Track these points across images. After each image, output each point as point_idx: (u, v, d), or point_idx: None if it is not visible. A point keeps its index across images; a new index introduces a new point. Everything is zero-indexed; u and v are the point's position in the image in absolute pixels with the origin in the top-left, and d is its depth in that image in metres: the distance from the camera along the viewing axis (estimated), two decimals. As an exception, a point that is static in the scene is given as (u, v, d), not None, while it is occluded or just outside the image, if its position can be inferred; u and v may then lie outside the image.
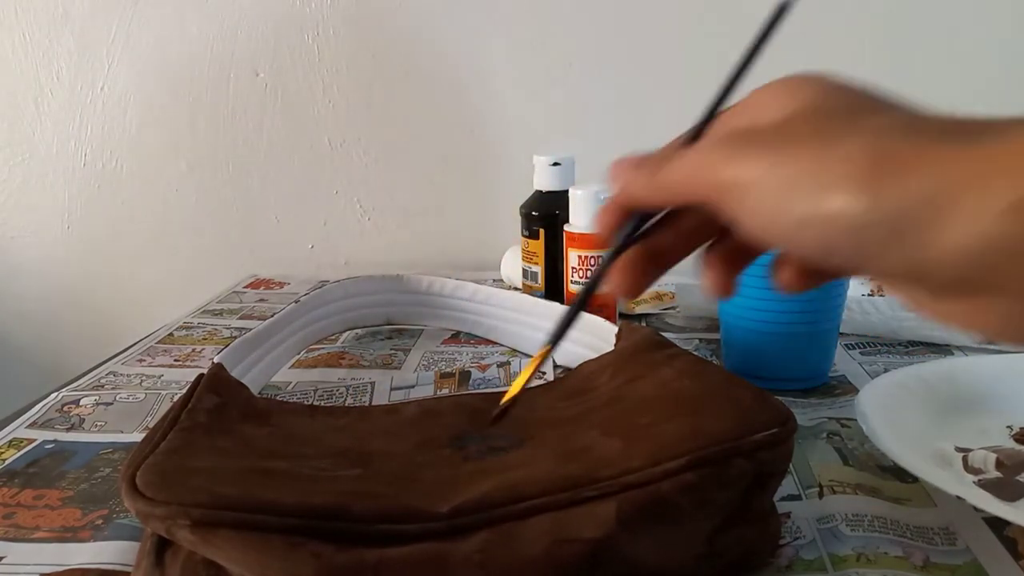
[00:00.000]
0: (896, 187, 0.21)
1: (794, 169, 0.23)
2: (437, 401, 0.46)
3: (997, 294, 0.21)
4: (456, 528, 0.30)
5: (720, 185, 0.25)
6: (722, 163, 0.25)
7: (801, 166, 0.23)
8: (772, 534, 0.37)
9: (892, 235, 0.21)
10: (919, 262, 0.21)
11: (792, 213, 0.23)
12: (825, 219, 0.22)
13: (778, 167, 0.23)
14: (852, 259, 0.23)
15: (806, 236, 0.23)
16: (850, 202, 0.21)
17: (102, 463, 0.49)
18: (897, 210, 0.21)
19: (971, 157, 0.20)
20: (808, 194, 0.22)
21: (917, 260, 0.21)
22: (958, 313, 0.23)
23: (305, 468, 0.35)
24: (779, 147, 0.24)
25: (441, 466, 0.37)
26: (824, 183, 0.22)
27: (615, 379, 0.43)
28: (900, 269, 0.22)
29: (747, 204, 0.24)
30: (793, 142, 0.23)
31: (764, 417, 0.35)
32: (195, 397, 0.41)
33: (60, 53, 1.01)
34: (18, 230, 1.07)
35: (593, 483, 0.32)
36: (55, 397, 0.59)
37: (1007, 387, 0.52)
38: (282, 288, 0.95)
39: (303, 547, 0.28)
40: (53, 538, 0.41)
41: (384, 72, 1.01)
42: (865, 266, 0.23)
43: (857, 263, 0.23)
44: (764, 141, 0.24)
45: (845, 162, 0.22)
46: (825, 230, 0.22)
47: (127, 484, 0.31)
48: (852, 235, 0.22)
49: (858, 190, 0.21)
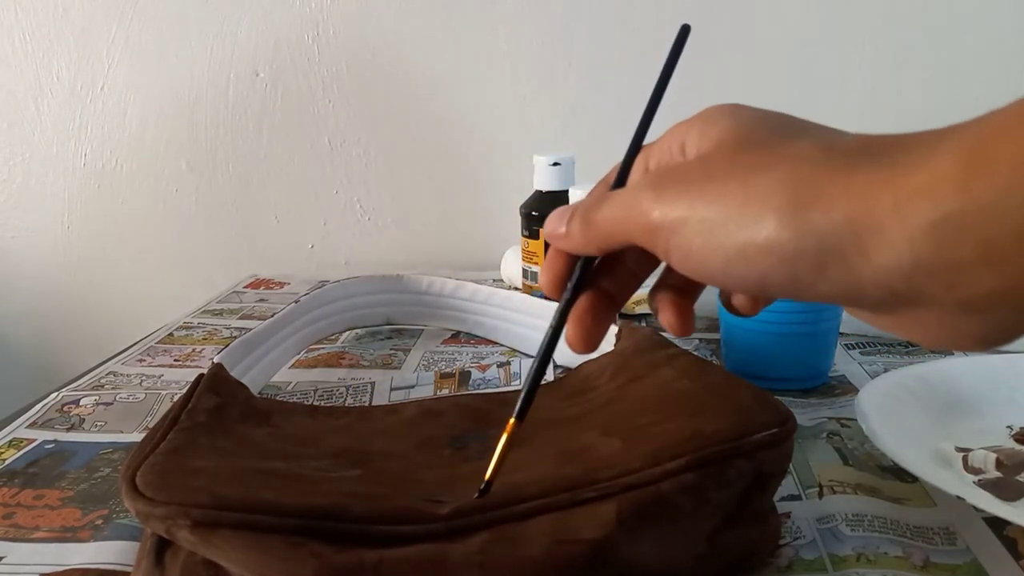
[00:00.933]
0: (818, 217, 0.22)
1: (718, 206, 0.23)
2: (437, 401, 0.46)
3: (926, 307, 0.22)
4: (456, 529, 0.30)
5: (649, 227, 0.25)
6: (649, 204, 0.25)
7: (724, 202, 0.23)
8: (772, 534, 0.37)
9: (821, 263, 0.22)
10: (850, 285, 0.22)
11: (721, 250, 0.23)
12: (754, 254, 0.23)
13: (703, 205, 0.24)
14: (787, 288, 0.23)
15: (738, 271, 0.24)
16: (776, 235, 0.22)
17: (102, 463, 0.49)
18: (822, 239, 0.21)
19: (886, 181, 0.21)
20: (734, 230, 0.23)
21: (847, 284, 0.22)
22: (896, 326, 0.24)
23: (305, 468, 0.35)
24: (701, 185, 0.24)
25: (441, 467, 0.37)
26: (748, 218, 0.23)
27: (615, 379, 0.43)
28: (834, 293, 0.23)
29: (677, 243, 0.25)
30: (715, 178, 0.24)
31: (764, 417, 0.35)
32: (195, 397, 0.41)
33: (60, 53, 1.01)
34: (18, 230, 1.07)
35: (593, 483, 0.32)
36: (55, 397, 0.59)
37: (1007, 387, 0.52)
38: (282, 288, 0.95)
39: (303, 547, 0.28)
40: (53, 538, 0.41)
41: (384, 72, 1.01)
42: (801, 294, 0.23)
43: (792, 291, 0.23)
44: (687, 179, 0.25)
45: (766, 196, 0.22)
46: (756, 264, 0.23)
47: (127, 484, 0.31)
48: (782, 267, 0.22)
49: (782, 223, 0.22)
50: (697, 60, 0.98)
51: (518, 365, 0.62)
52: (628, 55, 0.98)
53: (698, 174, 0.25)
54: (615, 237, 0.27)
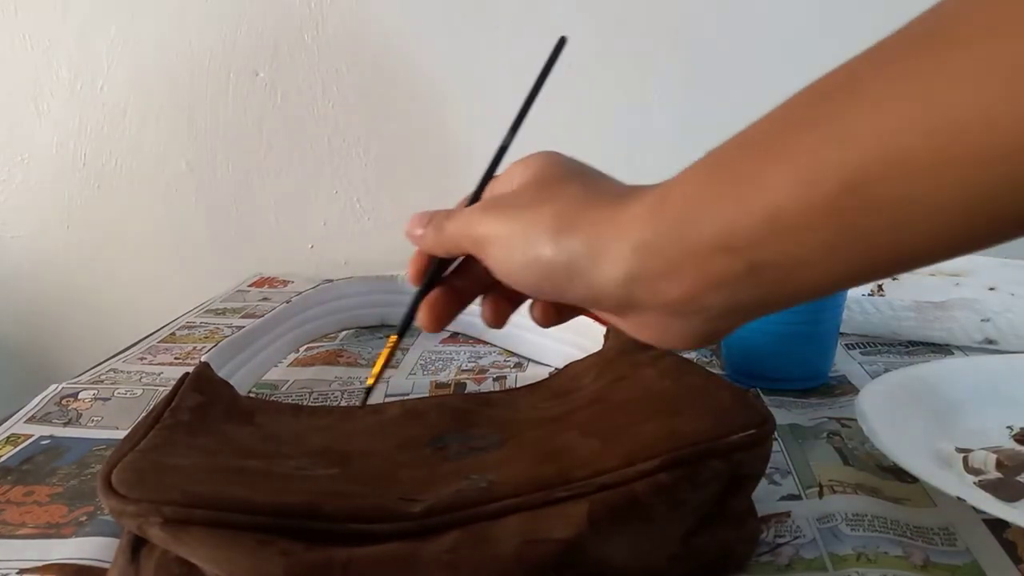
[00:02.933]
0: (568, 240, 0.29)
1: (516, 228, 0.31)
2: (420, 401, 0.46)
3: (644, 311, 0.29)
4: (427, 528, 0.30)
5: (475, 240, 0.32)
6: (477, 222, 0.32)
7: (520, 226, 0.31)
8: (749, 535, 0.37)
9: (570, 275, 0.29)
10: (591, 292, 0.29)
11: (514, 261, 0.31)
12: (532, 264, 0.30)
13: (508, 227, 0.31)
14: (551, 292, 0.31)
15: (524, 277, 0.31)
16: (543, 252, 0.29)
17: (94, 459, 0.49)
18: (570, 256, 0.29)
19: (612, 217, 0.28)
20: (522, 247, 0.30)
21: (589, 291, 0.29)
22: (631, 327, 0.30)
23: (283, 467, 0.35)
24: (510, 211, 0.31)
25: (420, 466, 0.37)
26: (530, 239, 0.30)
27: (599, 380, 0.43)
28: (582, 297, 0.30)
29: (491, 253, 0.32)
30: (518, 206, 0.31)
31: (742, 418, 0.35)
32: (179, 396, 0.41)
33: (60, 53, 1.01)
34: (18, 230, 1.07)
35: (567, 483, 0.32)
36: (54, 389, 0.60)
37: (1007, 387, 0.52)
38: (285, 287, 0.95)
39: (273, 545, 0.28)
40: (37, 534, 0.41)
41: (384, 72, 1.01)
42: (562, 297, 0.31)
43: (555, 295, 0.31)
44: (504, 205, 0.32)
45: (542, 223, 0.30)
46: (533, 272, 0.30)
47: (102, 482, 0.31)
48: (547, 276, 0.30)
49: (547, 244, 0.29)
50: (697, 61, 0.98)
51: (514, 379, 0.62)
52: (628, 55, 0.98)
53: (511, 202, 0.32)
54: (457, 246, 0.34)
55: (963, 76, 0.20)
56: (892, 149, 0.21)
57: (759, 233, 0.24)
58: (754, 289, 0.26)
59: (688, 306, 0.27)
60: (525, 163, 0.34)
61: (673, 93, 0.99)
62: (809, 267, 0.24)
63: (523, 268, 0.30)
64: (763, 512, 0.39)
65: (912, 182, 0.21)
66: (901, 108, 0.21)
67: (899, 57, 0.22)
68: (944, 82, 0.21)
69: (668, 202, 0.27)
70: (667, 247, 0.26)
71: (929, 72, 0.21)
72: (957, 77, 0.20)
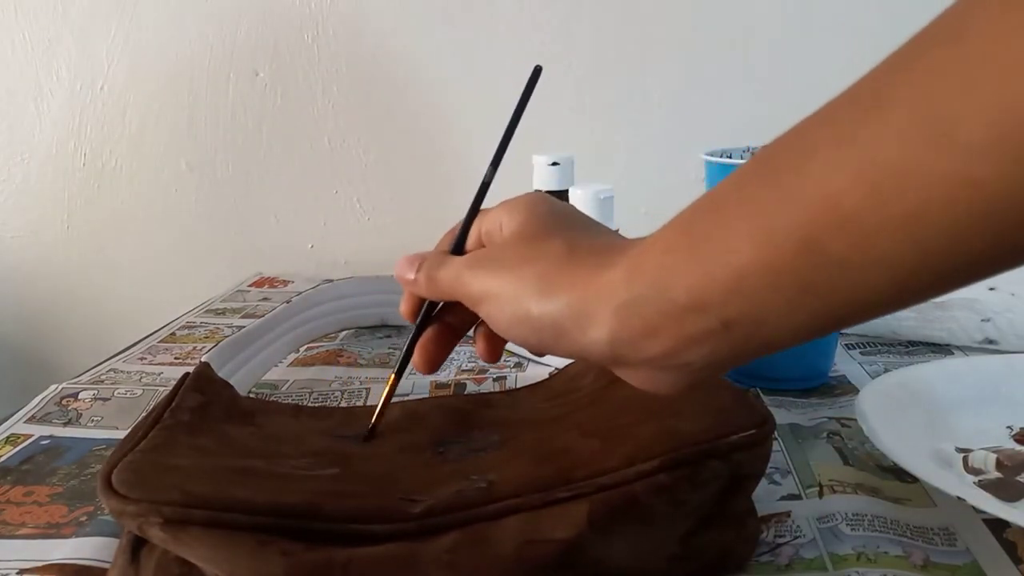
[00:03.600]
0: (551, 303, 0.30)
1: (505, 286, 0.32)
2: (420, 402, 0.46)
3: (630, 366, 0.30)
4: (427, 528, 0.30)
5: (469, 295, 0.34)
6: (469, 279, 0.34)
7: (507, 284, 0.32)
8: (749, 536, 0.37)
9: (556, 334, 0.30)
10: (577, 350, 0.30)
11: (505, 317, 0.32)
12: (520, 322, 0.31)
13: (498, 286, 0.33)
14: (540, 348, 0.32)
15: (513, 332, 0.32)
16: (529, 312, 0.31)
17: (94, 459, 0.49)
18: (555, 318, 0.30)
19: (593, 279, 0.30)
20: (511, 305, 0.32)
21: (575, 349, 0.30)
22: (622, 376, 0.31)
23: (283, 467, 0.35)
24: (498, 270, 0.33)
25: (420, 467, 0.37)
26: (519, 299, 0.31)
27: (599, 380, 0.43)
28: (568, 354, 0.31)
29: (484, 309, 0.33)
30: (505, 266, 0.33)
31: (741, 419, 0.35)
32: (179, 396, 0.41)
33: (60, 53, 1.01)
34: (18, 230, 1.07)
35: (567, 484, 0.32)
36: (54, 389, 0.60)
37: (1007, 387, 0.52)
38: (286, 287, 0.95)
39: (272, 545, 0.28)
40: (37, 534, 0.41)
41: (384, 72, 1.01)
42: (553, 352, 0.32)
43: (547, 351, 0.32)
44: (490, 263, 0.34)
45: (528, 284, 0.31)
46: (522, 329, 0.32)
47: (102, 482, 0.31)
48: (533, 333, 0.31)
49: (533, 305, 0.31)
50: (696, 59, 0.98)
51: (514, 379, 0.62)
52: (628, 55, 0.98)
53: (496, 258, 0.34)
54: (449, 295, 0.36)
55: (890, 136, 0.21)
56: (841, 209, 0.22)
57: (725, 294, 0.26)
58: (730, 344, 0.27)
59: (670, 361, 0.28)
60: (512, 209, 0.35)
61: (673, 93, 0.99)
62: (775, 322, 0.26)
63: (515, 325, 0.32)
64: (763, 512, 0.39)
65: (864, 239, 0.22)
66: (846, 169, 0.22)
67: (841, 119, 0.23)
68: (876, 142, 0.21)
69: (643, 266, 0.28)
70: (644, 309, 0.28)
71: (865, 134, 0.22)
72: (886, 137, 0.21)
